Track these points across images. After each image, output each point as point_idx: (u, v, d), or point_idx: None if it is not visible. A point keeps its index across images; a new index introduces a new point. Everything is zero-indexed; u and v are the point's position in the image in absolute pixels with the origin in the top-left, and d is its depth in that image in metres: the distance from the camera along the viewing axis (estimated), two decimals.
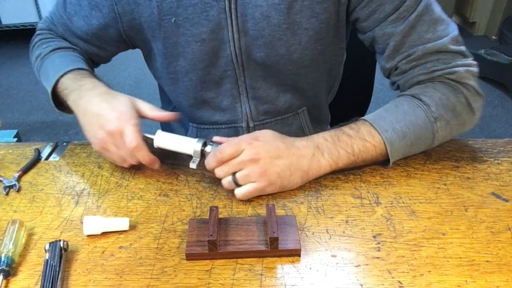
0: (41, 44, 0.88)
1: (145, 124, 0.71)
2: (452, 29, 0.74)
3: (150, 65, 0.90)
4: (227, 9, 0.74)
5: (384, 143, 0.69)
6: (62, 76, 0.78)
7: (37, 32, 0.91)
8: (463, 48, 0.74)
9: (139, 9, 0.76)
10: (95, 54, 0.89)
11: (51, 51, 0.84)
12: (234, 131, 0.91)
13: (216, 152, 0.67)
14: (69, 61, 0.81)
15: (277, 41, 0.77)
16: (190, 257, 0.57)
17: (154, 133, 0.73)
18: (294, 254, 0.57)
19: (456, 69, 0.73)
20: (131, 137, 0.67)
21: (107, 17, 0.79)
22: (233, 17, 0.75)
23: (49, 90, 0.79)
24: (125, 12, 0.78)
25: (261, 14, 0.74)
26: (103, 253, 0.59)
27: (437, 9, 0.74)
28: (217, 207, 0.61)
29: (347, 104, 0.74)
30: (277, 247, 0.56)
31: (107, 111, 0.69)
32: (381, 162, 0.73)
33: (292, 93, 0.87)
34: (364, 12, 0.74)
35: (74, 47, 0.87)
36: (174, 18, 0.76)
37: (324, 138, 0.70)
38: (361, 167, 0.73)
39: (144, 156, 0.69)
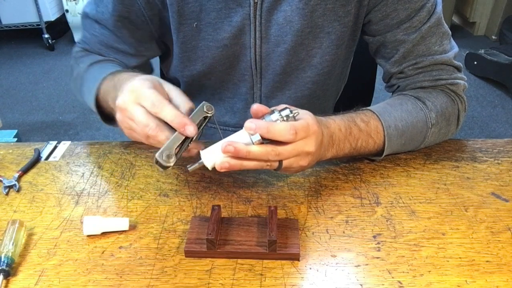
0: (77, 65, 0.83)
1: None
2: (454, 44, 0.79)
3: (165, 64, 0.89)
4: (251, 15, 0.74)
5: (384, 140, 0.70)
6: (101, 83, 0.71)
7: (73, 55, 0.87)
8: (460, 64, 0.79)
9: (165, 9, 0.75)
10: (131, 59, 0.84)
11: (87, 66, 0.80)
12: None
13: (292, 128, 0.57)
14: (106, 68, 0.76)
15: (299, 46, 0.77)
16: (189, 254, 0.57)
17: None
18: (293, 258, 0.56)
19: (457, 81, 0.77)
20: (142, 121, 0.57)
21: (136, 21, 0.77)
22: (257, 23, 0.74)
23: (93, 101, 0.72)
24: (154, 14, 0.77)
25: (285, 19, 0.74)
26: (103, 253, 0.59)
27: (445, 24, 0.77)
28: (219, 206, 0.61)
29: (349, 106, 0.75)
30: (275, 250, 0.56)
31: (124, 87, 0.61)
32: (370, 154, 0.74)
33: (306, 107, 0.86)
34: (377, 15, 0.75)
35: (111, 59, 0.83)
36: (195, 23, 0.75)
37: (339, 129, 0.67)
38: (361, 167, 0.73)
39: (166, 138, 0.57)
